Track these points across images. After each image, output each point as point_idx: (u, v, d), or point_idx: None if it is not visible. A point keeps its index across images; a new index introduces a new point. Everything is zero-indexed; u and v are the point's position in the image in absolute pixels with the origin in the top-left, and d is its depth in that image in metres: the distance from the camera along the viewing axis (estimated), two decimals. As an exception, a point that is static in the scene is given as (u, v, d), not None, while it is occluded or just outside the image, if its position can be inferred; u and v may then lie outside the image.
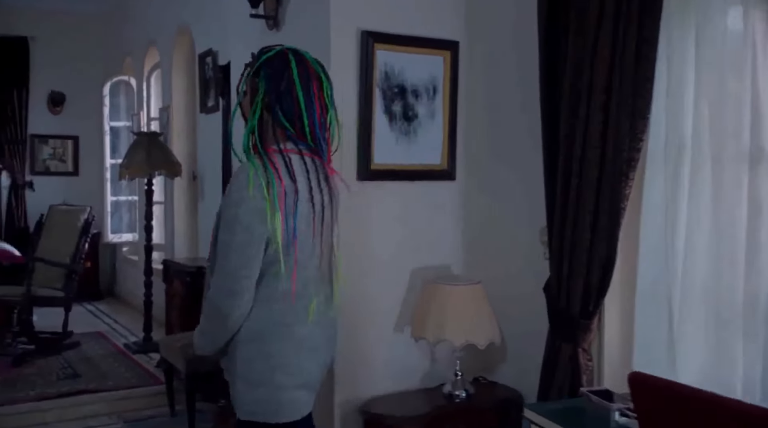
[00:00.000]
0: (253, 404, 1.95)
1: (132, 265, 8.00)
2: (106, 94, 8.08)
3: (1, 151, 8.16)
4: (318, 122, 2.01)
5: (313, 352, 1.99)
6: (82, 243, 6.10)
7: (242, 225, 1.89)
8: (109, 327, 6.92)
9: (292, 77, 1.98)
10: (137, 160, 5.78)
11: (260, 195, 1.88)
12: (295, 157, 1.97)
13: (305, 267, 1.97)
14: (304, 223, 1.95)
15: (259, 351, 1.94)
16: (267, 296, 1.94)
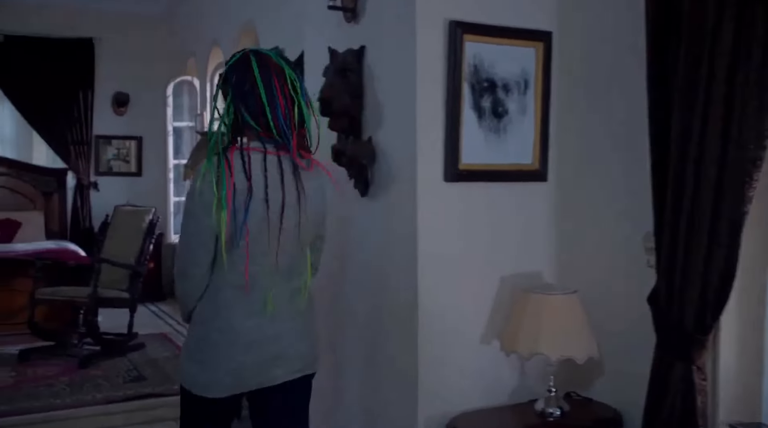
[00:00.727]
0: (185, 373, 2.17)
1: (195, 266, 7.94)
2: (170, 94, 8.06)
3: (66, 152, 8.21)
4: (282, 115, 2.07)
5: (259, 345, 2.11)
6: (146, 244, 6.05)
7: (192, 216, 2.07)
8: (172, 329, 6.87)
9: (254, 76, 2.07)
10: (201, 160, 5.68)
11: (209, 190, 2.01)
12: (257, 156, 2.06)
13: (258, 262, 2.06)
14: (257, 220, 2.03)
15: (199, 334, 2.13)
16: (217, 284, 2.10)
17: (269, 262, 2.08)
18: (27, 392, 4.80)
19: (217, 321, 2.10)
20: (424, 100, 2.60)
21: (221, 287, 2.10)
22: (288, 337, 2.17)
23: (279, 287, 2.13)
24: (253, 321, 2.10)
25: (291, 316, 2.18)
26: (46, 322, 6.05)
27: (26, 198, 8.08)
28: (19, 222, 7.72)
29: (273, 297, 2.11)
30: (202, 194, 2.04)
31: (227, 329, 2.09)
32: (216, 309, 2.10)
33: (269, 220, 2.05)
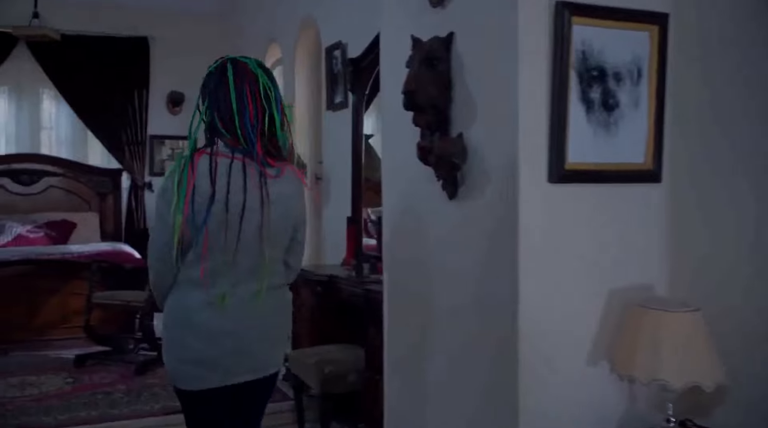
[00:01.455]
0: (166, 368, 2.31)
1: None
2: (226, 93, 7.86)
3: (121, 152, 8.10)
4: (250, 123, 2.16)
5: (212, 336, 2.21)
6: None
7: (158, 213, 2.22)
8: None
9: (228, 84, 2.17)
10: (262, 160, 5.47)
11: (171, 190, 2.14)
12: (224, 161, 2.16)
13: (216, 260, 2.18)
14: (216, 221, 2.14)
15: (168, 327, 2.27)
16: (180, 279, 2.24)
17: (227, 261, 2.20)
18: (84, 400, 4.63)
19: (177, 311, 2.25)
20: (526, 91, 2.31)
21: (182, 282, 2.24)
22: (246, 335, 2.26)
23: (239, 287, 2.24)
24: (207, 312, 2.22)
25: (252, 315, 2.26)
26: (102, 326, 5.91)
27: (81, 199, 7.99)
28: (75, 223, 7.63)
29: (231, 295, 2.22)
30: (166, 193, 2.19)
31: (184, 318, 2.24)
32: (178, 303, 2.26)
33: (228, 222, 2.16)
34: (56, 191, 7.92)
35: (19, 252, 6.68)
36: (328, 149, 5.75)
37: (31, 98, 8.01)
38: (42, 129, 8.12)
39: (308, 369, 4.01)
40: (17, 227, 7.31)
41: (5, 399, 4.65)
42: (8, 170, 7.74)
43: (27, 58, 7.78)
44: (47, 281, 5.96)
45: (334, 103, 5.50)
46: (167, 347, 2.30)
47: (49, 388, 4.89)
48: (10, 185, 7.76)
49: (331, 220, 5.71)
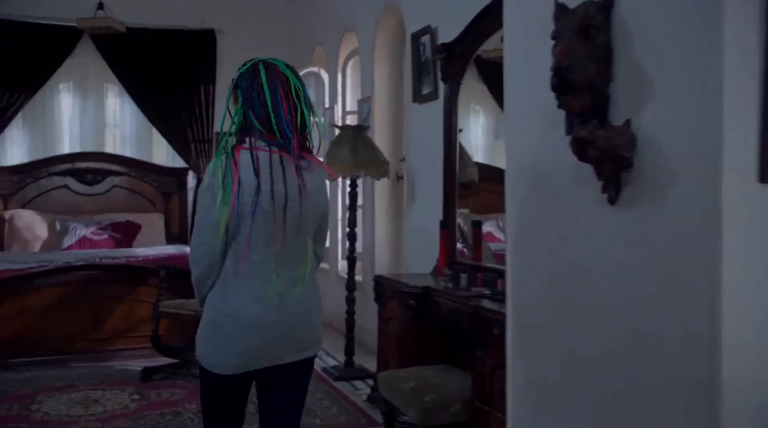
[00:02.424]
0: (200, 353, 2.36)
1: (321, 274, 7.28)
2: (296, 87, 7.43)
3: (187, 150, 7.74)
4: (285, 120, 2.29)
5: (263, 329, 2.31)
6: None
7: (203, 208, 2.30)
8: (300, 344, 6.22)
9: (261, 84, 2.30)
10: (341, 158, 5.00)
11: (217, 184, 2.22)
12: (263, 154, 2.27)
13: (262, 252, 2.27)
14: (263, 213, 2.25)
15: (210, 317, 2.33)
16: (225, 273, 2.30)
17: (273, 252, 2.29)
18: (153, 421, 4.22)
19: (225, 306, 2.31)
20: (731, 66, 1.76)
21: (229, 275, 2.30)
22: (291, 321, 2.36)
23: (282, 276, 2.32)
24: (258, 307, 2.30)
25: (293, 302, 2.36)
26: (169, 336, 5.52)
27: (146, 199, 7.67)
28: (139, 225, 7.30)
29: (276, 285, 2.30)
30: (211, 188, 2.27)
31: (234, 314, 2.30)
32: (224, 295, 2.32)
33: (274, 213, 2.27)
34: (120, 191, 7.61)
35: (83, 256, 6.37)
36: (413, 145, 5.24)
37: (96, 94, 7.71)
38: (106, 126, 7.82)
39: (404, 395, 3.51)
40: (81, 229, 7.01)
41: (70, 418, 4.29)
42: (72, 170, 7.46)
43: (91, 52, 7.49)
44: (112, 287, 5.59)
45: (421, 95, 4.99)
46: (211, 338, 2.34)
47: (114, 406, 4.51)
48: (74, 184, 7.47)
49: (414, 223, 5.21)
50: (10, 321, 5.36)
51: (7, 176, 7.27)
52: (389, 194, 5.85)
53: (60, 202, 7.39)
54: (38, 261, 6.16)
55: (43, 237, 7.02)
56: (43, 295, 5.43)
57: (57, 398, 4.64)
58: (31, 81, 7.25)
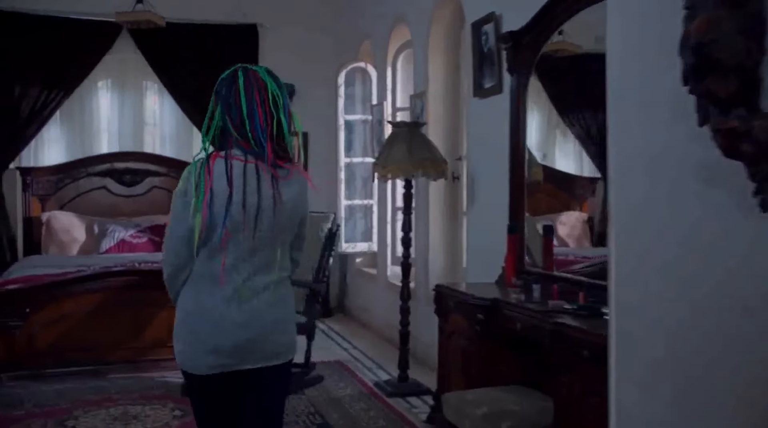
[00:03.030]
0: (176, 352, 2.42)
1: (368, 279, 6.98)
2: (341, 83, 7.11)
3: (228, 149, 7.42)
4: (260, 127, 2.30)
5: (231, 330, 2.34)
6: (326, 258, 5.09)
7: (175, 213, 2.36)
8: (348, 355, 5.89)
9: (239, 90, 2.34)
10: (397, 157, 4.64)
11: (190, 192, 2.29)
12: (238, 163, 2.31)
13: (232, 258, 2.33)
14: (234, 221, 2.29)
15: (181, 316, 2.40)
16: (196, 275, 2.37)
17: (243, 258, 2.34)
18: (195, 442, 3.90)
19: (195, 306, 2.37)
20: None
21: (199, 277, 2.36)
22: (261, 325, 2.38)
23: (252, 281, 2.36)
24: (228, 309, 2.34)
25: (264, 307, 2.39)
26: (211, 346, 5.20)
27: (186, 201, 7.38)
28: (179, 227, 7.01)
29: (245, 289, 2.35)
30: (185, 195, 2.31)
31: (203, 314, 2.35)
32: (195, 296, 2.37)
33: (245, 222, 2.30)
34: (160, 193, 7.34)
35: (121, 260, 6.11)
36: (473, 142, 4.86)
37: (134, 92, 7.45)
38: (145, 125, 7.56)
39: (476, 421, 3.13)
40: (120, 232, 6.75)
41: (107, 435, 4.00)
42: (111, 170, 7.21)
43: (130, 49, 7.23)
44: (152, 293, 5.25)
45: (482, 89, 4.61)
46: (183, 337, 2.40)
47: (155, 423, 4.21)
48: (113, 185, 7.22)
49: (475, 227, 4.82)
50: (46, 330, 5.09)
51: (45, 177, 7.04)
52: (444, 196, 5.47)
53: (98, 203, 7.14)
54: (76, 265, 5.92)
55: (80, 240, 6.78)
56: (80, 302, 5.16)
57: (94, 413, 4.36)
58: (69, 78, 7.01)
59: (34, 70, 6.88)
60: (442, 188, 5.42)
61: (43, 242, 6.77)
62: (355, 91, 7.13)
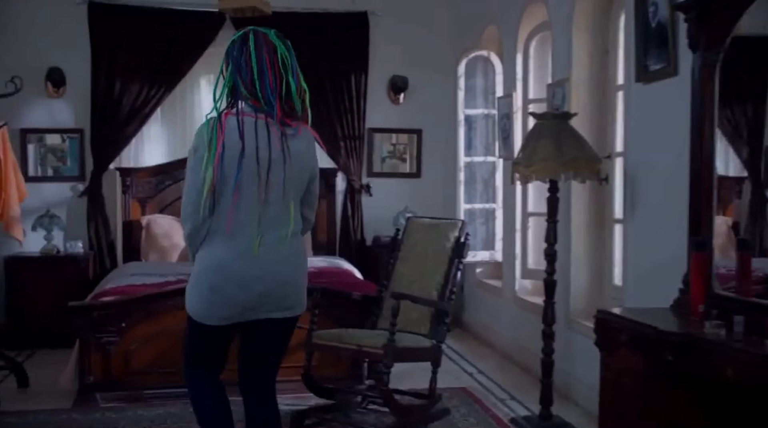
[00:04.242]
0: (188, 302, 2.65)
1: (491, 292, 6.25)
2: (461, 74, 6.40)
3: (336, 148, 6.85)
4: (270, 87, 2.49)
5: (246, 283, 2.55)
6: (453, 272, 4.39)
7: (191, 169, 2.55)
8: (473, 380, 5.20)
9: (250, 51, 2.51)
10: (542, 155, 3.90)
11: (203, 147, 2.49)
12: (249, 120, 2.50)
13: (246, 211, 2.52)
14: (248, 174, 2.49)
15: (198, 270, 2.60)
16: (213, 230, 2.56)
17: (257, 212, 2.53)
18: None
19: (211, 260, 2.56)
20: None
21: (215, 232, 2.55)
22: (273, 279, 2.59)
23: (265, 235, 2.55)
24: (242, 263, 2.54)
25: (276, 260, 2.58)
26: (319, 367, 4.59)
27: (291, 204, 6.85)
28: (284, 232, 6.48)
29: (259, 243, 2.54)
30: (197, 151, 2.53)
31: (219, 268, 2.55)
32: (211, 251, 2.57)
33: (258, 175, 2.50)
34: (263, 195, 6.82)
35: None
36: (633, 137, 4.05)
37: (238, 88, 6.96)
38: (248, 123, 7.06)
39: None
40: (222, 237, 6.26)
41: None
42: (212, 170, 6.74)
43: (234, 41, 6.73)
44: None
45: (647, 72, 3.81)
46: (198, 289, 2.60)
47: (261, 461, 3.62)
48: (213, 187, 6.75)
49: (636, 239, 4.02)
50: (143, 347, 4.61)
51: (145, 178, 6.64)
52: (590, 200, 4.69)
53: (199, 206, 6.69)
54: (175, 273, 5.45)
55: (180, 245, 6.32)
56: (179, 317, 4.59)
57: (194, 446, 3.81)
58: (170, 73, 6.57)
59: (134, 65, 6.48)
60: (588, 192, 4.64)
61: (143, 247, 6.36)
62: (476, 82, 6.41)
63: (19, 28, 6.38)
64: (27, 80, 5.24)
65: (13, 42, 6.33)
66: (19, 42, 6.35)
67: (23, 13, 6.41)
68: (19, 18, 6.39)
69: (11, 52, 6.25)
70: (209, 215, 2.53)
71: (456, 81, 6.42)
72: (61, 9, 6.43)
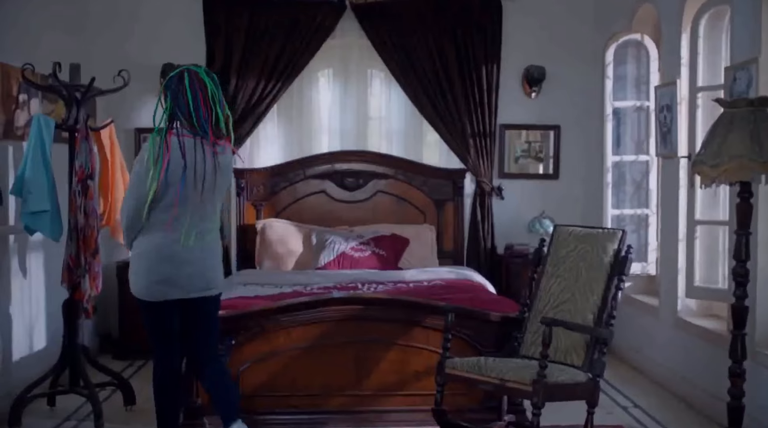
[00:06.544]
0: (131, 283, 3.37)
1: (643, 311, 5.45)
2: (609, 62, 5.63)
3: (465, 147, 6.22)
4: (203, 118, 3.26)
5: (176, 263, 3.30)
6: (612, 292, 3.67)
7: (137, 176, 3.28)
8: (627, 415, 4.48)
9: (185, 90, 3.26)
10: (737, 150, 3.14)
11: (150, 160, 3.21)
12: (189, 140, 3.26)
13: (183, 211, 3.28)
14: (188, 183, 3.25)
15: (139, 255, 3.34)
16: (152, 222, 3.29)
17: (189, 210, 3.29)
18: None
19: (149, 245, 3.30)
20: None
21: (153, 224, 3.29)
22: (200, 263, 3.35)
23: (195, 228, 3.31)
24: (175, 247, 3.29)
25: (200, 249, 3.35)
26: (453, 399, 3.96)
27: (415, 208, 6.28)
28: (407, 239, 5.93)
29: (188, 234, 3.29)
30: (146, 162, 3.23)
31: (156, 250, 3.29)
32: (149, 238, 3.30)
33: (195, 183, 3.26)
34: (385, 198, 6.28)
35: (342, 278, 5.15)
36: None
37: (358, 83, 6.43)
38: (369, 120, 6.52)
39: None
40: (340, 244, 5.76)
41: None
42: (331, 172, 6.25)
43: (354, 32, 6.24)
44: (378, 327, 4.14)
45: None
46: (140, 271, 3.33)
47: None
48: (333, 189, 6.27)
49: None
50: (254, 368, 4.12)
51: (261, 180, 6.24)
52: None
53: (316, 210, 6.22)
54: (291, 284, 5.03)
55: (297, 252, 5.88)
56: (293, 335, 4.15)
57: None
58: (288, 68, 6.13)
59: (250, 60, 6.09)
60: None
61: (258, 254, 5.95)
62: (627, 70, 5.63)
63: (130, 21, 6.12)
64: (140, 77, 4.91)
65: (124, 37, 6.06)
66: (129, 37, 6.08)
67: (134, 5, 6.14)
68: (130, 11, 6.13)
69: (122, 47, 5.97)
70: (147, 214, 3.26)
71: (603, 70, 5.67)
72: (175, 0, 6.14)
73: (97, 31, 6.00)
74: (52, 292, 4.95)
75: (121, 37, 6.05)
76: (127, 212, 3.29)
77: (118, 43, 6.01)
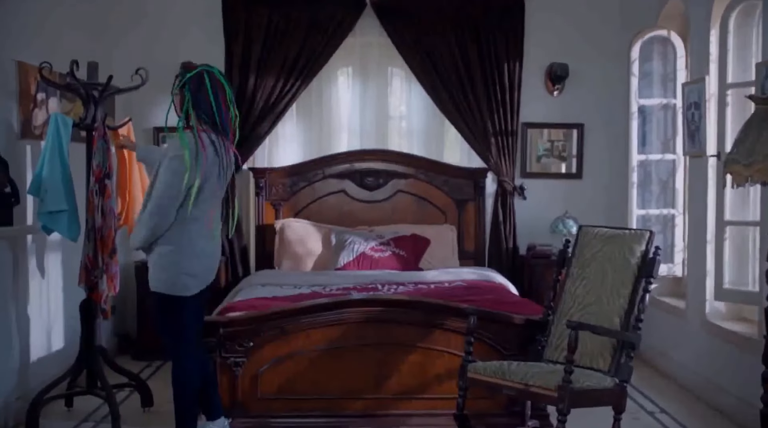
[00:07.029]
0: (157, 280, 3.46)
1: (669, 313, 5.35)
2: (635, 58, 5.51)
3: (486, 146, 6.12)
4: (227, 118, 3.46)
5: (204, 257, 3.49)
6: (640, 295, 3.57)
7: (175, 175, 3.31)
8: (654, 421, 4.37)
9: (207, 90, 3.39)
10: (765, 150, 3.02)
11: (189, 157, 3.29)
12: (216, 137, 3.42)
13: (216, 206, 3.52)
14: (217, 179, 3.44)
15: (171, 251, 3.41)
16: (183, 219, 3.38)
17: (217, 206, 3.56)
18: None
19: (185, 242, 3.41)
20: None
21: (187, 220, 3.39)
22: (215, 256, 3.60)
23: (217, 223, 3.56)
24: (204, 243, 3.47)
25: (217, 243, 3.60)
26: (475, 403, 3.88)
27: (435, 208, 6.18)
28: (427, 240, 5.84)
29: (216, 228, 3.55)
30: (184, 160, 3.28)
31: (191, 247, 3.42)
32: (181, 234, 3.40)
33: (225, 179, 3.52)
34: (405, 198, 6.20)
35: (362, 279, 5.07)
36: None
37: (378, 81, 6.35)
38: (389, 119, 6.45)
39: None
40: (360, 244, 5.69)
41: None
42: (350, 171, 6.18)
43: (375, 29, 6.16)
44: (397, 330, 4.07)
45: None
46: (168, 266, 3.42)
47: None
48: (352, 189, 6.19)
49: None
50: (273, 370, 4.05)
51: (280, 180, 6.18)
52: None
53: (335, 210, 6.15)
54: (310, 285, 4.96)
55: (316, 253, 5.82)
56: (312, 337, 4.08)
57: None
58: (307, 66, 6.07)
59: (269, 58, 6.03)
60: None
61: (276, 254, 5.90)
62: (653, 67, 5.51)
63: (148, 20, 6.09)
64: (158, 76, 4.87)
65: (142, 35, 6.03)
66: (148, 35, 6.05)
67: (153, 3, 6.11)
68: (149, 10, 6.10)
69: (141, 46, 5.93)
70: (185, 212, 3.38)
71: (628, 67, 5.55)
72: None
73: (115, 29, 5.97)
74: (69, 292, 4.93)
75: (139, 36, 6.02)
76: (159, 209, 3.33)
77: (136, 41, 5.98)
